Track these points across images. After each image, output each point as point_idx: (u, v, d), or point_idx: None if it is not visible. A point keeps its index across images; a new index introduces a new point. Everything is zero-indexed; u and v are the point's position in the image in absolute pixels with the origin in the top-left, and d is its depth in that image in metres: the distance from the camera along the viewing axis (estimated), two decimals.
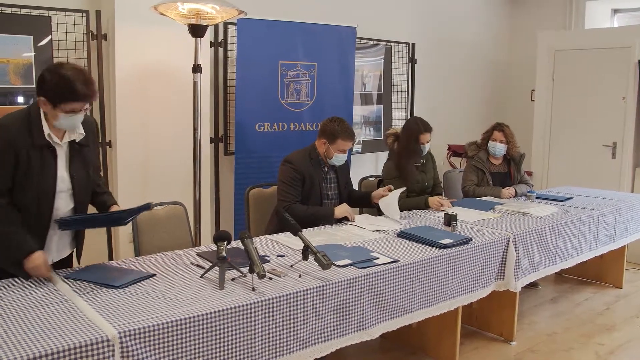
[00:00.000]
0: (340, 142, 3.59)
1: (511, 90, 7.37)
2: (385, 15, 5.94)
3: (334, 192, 3.78)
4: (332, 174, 3.77)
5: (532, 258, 3.56)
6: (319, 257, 2.48)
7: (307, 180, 3.60)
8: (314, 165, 3.65)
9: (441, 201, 4.03)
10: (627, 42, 5.67)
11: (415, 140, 4.05)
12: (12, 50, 3.56)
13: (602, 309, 4.33)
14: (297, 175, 3.57)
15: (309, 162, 3.64)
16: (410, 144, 4.06)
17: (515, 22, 7.33)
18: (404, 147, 4.10)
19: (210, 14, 3.60)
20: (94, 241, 4.19)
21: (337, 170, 3.80)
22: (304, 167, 3.60)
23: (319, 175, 3.68)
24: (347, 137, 3.60)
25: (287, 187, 3.57)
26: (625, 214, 4.42)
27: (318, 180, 3.65)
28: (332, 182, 3.77)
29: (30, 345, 1.76)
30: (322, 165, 3.70)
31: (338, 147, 3.60)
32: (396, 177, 4.08)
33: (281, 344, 2.31)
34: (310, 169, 3.62)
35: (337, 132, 3.57)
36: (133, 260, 2.75)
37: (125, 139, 4.04)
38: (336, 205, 3.67)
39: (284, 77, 4.68)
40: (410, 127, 4.11)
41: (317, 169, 3.66)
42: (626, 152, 5.76)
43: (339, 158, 3.66)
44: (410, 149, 4.07)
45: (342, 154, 3.65)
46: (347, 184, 3.92)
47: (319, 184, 3.65)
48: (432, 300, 2.95)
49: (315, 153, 3.67)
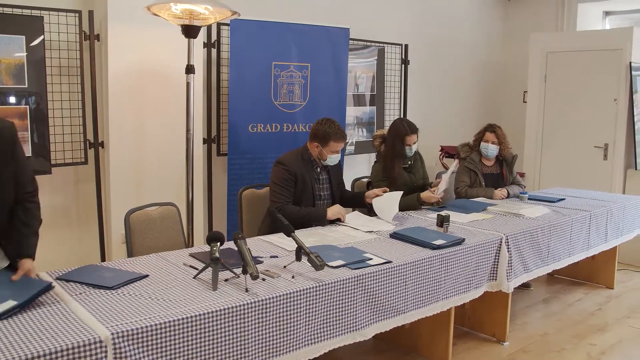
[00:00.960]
0: (333, 143, 3.60)
1: (504, 92, 7.40)
2: (378, 16, 5.96)
3: (327, 193, 3.79)
4: (324, 175, 3.78)
5: (524, 259, 3.58)
6: (312, 258, 2.49)
7: (299, 182, 3.61)
8: (306, 166, 3.66)
9: (432, 192, 3.99)
10: (618, 44, 5.72)
11: (402, 141, 4.02)
12: (4, 50, 3.55)
13: (594, 309, 4.36)
14: (289, 177, 3.58)
15: (301, 163, 3.64)
16: (396, 146, 4.03)
17: (508, 24, 7.37)
18: (390, 149, 4.07)
19: (204, 14, 3.60)
20: (86, 242, 4.20)
21: (330, 170, 3.81)
22: (297, 168, 3.61)
23: (312, 176, 3.68)
24: (339, 138, 3.61)
25: (280, 188, 3.57)
26: (617, 215, 4.44)
27: (310, 181, 3.66)
28: (324, 183, 3.78)
29: (22, 347, 1.75)
30: (314, 166, 3.71)
31: (331, 148, 3.62)
32: (383, 179, 4.05)
33: (274, 344, 2.31)
34: (302, 169, 3.63)
35: (328, 134, 3.58)
36: (126, 261, 2.74)
37: (118, 140, 4.03)
38: (329, 206, 3.68)
39: (277, 78, 4.68)
40: (396, 129, 4.07)
41: (309, 170, 3.67)
42: (618, 154, 5.80)
43: (333, 159, 3.67)
44: (397, 150, 4.03)
45: (336, 154, 3.66)
46: (339, 184, 3.93)
47: (311, 185, 3.66)
48: (425, 301, 2.95)
49: (307, 154, 3.68)
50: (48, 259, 3.69)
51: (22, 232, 2.36)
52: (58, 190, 4.08)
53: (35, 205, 2.42)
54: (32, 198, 2.41)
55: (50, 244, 3.97)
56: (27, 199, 2.39)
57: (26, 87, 3.64)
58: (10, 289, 2.15)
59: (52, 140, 3.84)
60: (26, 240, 2.36)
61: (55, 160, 3.89)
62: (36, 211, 2.42)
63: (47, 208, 3.99)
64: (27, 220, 2.38)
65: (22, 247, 2.34)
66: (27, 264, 2.30)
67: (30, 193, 2.40)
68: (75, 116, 4.00)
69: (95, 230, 4.13)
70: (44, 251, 3.51)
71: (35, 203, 2.42)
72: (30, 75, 3.65)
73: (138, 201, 3.78)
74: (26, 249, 2.34)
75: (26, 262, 2.30)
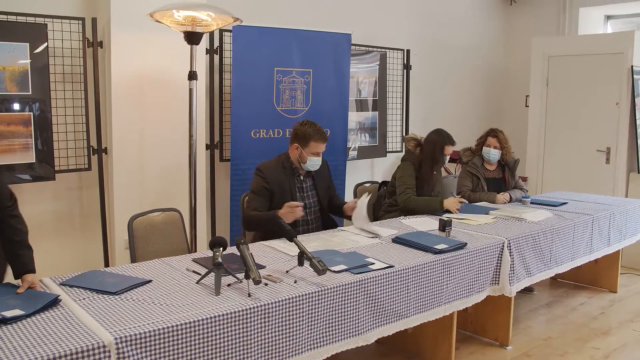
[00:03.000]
0: (313, 144, 3.52)
1: (506, 96, 7.41)
2: (380, 21, 5.97)
3: (313, 201, 3.68)
4: (308, 182, 3.68)
5: (526, 263, 3.58)
6: (315, 263, 2.49)
7: (276, 192, 3.52)
8: (286, 174, 3.56)
9: (458, 202, 4.10)
10: (620, 48, 5.72)
11: (441, 150, 4.17)
12: (8, 58, 3.57)
13: (597, 313, 4.35)
14: (265, 186, 3.50)
15: (281, 171, 3.56)
16: (435, 153, 4.17)
17: (510, 28, 7.38)
18: (429, 155, 4.19)
19: (206, 21, 3.62)
20: (90, 248, 4.21)
21: (315, 177, 3.71)
22: (274, 177, 3.52)
23: (292, 185, 3.58)
24: (319, 138, 3.53)
25: (254, 196, 3.52)
26: (619, 218, 4.44)
27: (290, 189, 3.56)
28: (308, 190, 3.68)
29: (26, 351, 1.76)
30: (296, 173, 3.62)
31: (311, 149, 3.52)
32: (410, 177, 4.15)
33: (277, 349, 2.31)
34: (281, 177, 3.54)
35: (309, 134, 3.51)
36: (129, 267, 2.75)
37: (121, 146, 4.05)
38: (316, 214, 3.67)
39: (279, 83, 4.69)
40: (437, 137, 4.21)
41: (290, 178, 3.58)
42: (620, 157, 5.80)
43: (313, 162, 3.56)
44: (435, 157, 4.18)
45: (316, 157, 3.56)
46: (327, 190, 3.80)
47: (290, 194, 3.55)
48: (428, 306, 2.96)
49: (288, 162, 3.59)
50: (52, 264, 3.73)
51: (15, 251, 2.36)
52: (62, 197, 4.10)
53: (18, 218, 2.41)
54: (13, 211, 2.40)
55: (54, 250, 4.00)
56: (9, 213, 2.38)
57: (30, 94, 3.67)
58: (17, 299, 2.17)
59: (56, 147, 3.86)
60: (22, 257, 2.36)
61: (59, 166, 3.91)
62: (21, 225, 2.41)
63: (51, 214, 4.05)
64: (16, 237, 2.37)
65: (20, 265, 2.36)
66: (29, 277, 2.32)
67: (10, 207, 2.39)
68: (79, 123, 4.02)
69: (99, 236, 4.14)
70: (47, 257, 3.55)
71: (18, 216, 2.41)
72: (34, 82, 3.67)
73: (141, 207, 3.78)
74: (25, 266, 2.35)
75: (28, 276, 2.33)
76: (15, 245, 2.37)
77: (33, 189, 3.91)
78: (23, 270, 2.34)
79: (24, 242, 2.40)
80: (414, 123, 6.12)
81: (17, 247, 2.37)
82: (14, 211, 2.40)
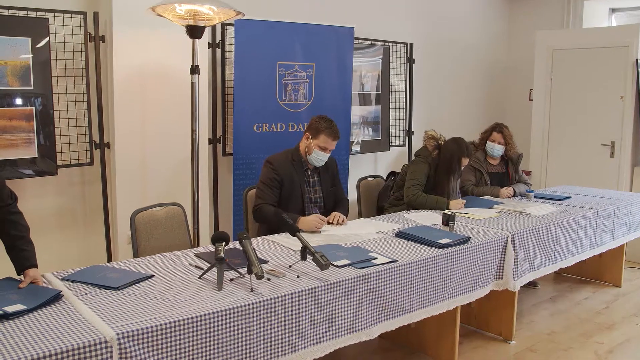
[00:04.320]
0: (323, 137, 3.53)
1: (509, 90, 7.37)
2: (383, 15, 5.95)
3: (318, 196, 3.70)
4: (315, 177, 3.70)
5: (530, 257, 3.57)
6: (317, 258, 2.48)
7: (286, 183, 3.54)
8: (295, 168, 3.59)
9: (461, 204, 4.08)
10: (625, 41, 5.68)
11: (458, 161, 4.12)
12: (10, 52, 3.56)
13: (601, 307, 4.34)
14: (275, 177, 3.52)
15: (290, 164, 3.58)
16: (452, 164, 4.12)
17: (514, 22, 7.34)
18: (445, 164, 4.14)
19: (208, 15, 3.60)
20: (92, 243, 4.21)
21: (321, 172, 3.72)
22: (284, 170, 3.55)
23: (301, 178, 3.60)
24: (330, 134, 3.53)
25: (265, 187, 3.53)
26: (624, 212, 4.42)
27: (299, 183, 3.58)
28: (315, 185, 3.69)
29: (28, 347, 1.76)
30: (304, 167, 3.64)
31: (319, 142, 3.53)
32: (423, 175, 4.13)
33: (280, 344, 2.31)
34: (291, 171, 3.57)
35: (322, 127, 3.53)
36: (131, 262, 2.75)
37: (123, 141, 4.04)
38: (320, 209, 3.65)
39: (281, 77, 4.68)
40: (456, 148, 4.13)
41: (299, 172, 3.60)
42: (624, 151, 5.77)
43: (319, 156, 3.57)
44: (452, 168, 4.13)
45: (323, 152, 3.56)
46: (332, 186, 3.80)
47: (300, 187, 3.58)
48: (431, 300, 2.95)
49: (297, 155, 3.62)
50: (54, 259, 3.73)
51: (18, 247, 2.36)
52: (64, 191, 4.09)
53: (19, 215, 2.41)
54: (14, 209, 2.41)
55: (56, 245, 4.01)
56: (9, 210, 2.38)
57: (32, 89, 3.66)
58: (19, 294, 2.18)
59: (58, 142, 3.85)
60: (24, 252, 2.37)
61: (62, 161, 3.90)
62: (22, 221, 2.42)
63: (53, 209, 4.05)
64: (18, 233, 2.38)
65: (22, 260, 2.36)
66: (31, 272, 2.33)
67: (10, 205, 2.40)
68: (81, 117, 4.01)
69: (101, 231, 4.14)
70: (50, 252, 3.55)
71: (18, 213, 2.42)
72: (35, 76, 3.66)
73: (144, 202, 3.79)
74: (27, 260, 2.36)
75: (30, 271, 2.33)
76: (17, 240, 2.37)
77: (35, 184, 3.90)
78: (25, 265, 2.35)
79: (27, 238, 2.41)
80: (416, 117, 6.09)
81: (19, 242, 2.37)
82: (14, 208, 2.41)
